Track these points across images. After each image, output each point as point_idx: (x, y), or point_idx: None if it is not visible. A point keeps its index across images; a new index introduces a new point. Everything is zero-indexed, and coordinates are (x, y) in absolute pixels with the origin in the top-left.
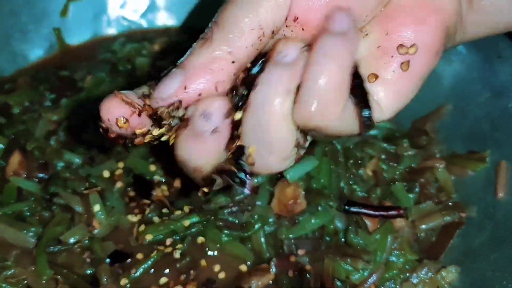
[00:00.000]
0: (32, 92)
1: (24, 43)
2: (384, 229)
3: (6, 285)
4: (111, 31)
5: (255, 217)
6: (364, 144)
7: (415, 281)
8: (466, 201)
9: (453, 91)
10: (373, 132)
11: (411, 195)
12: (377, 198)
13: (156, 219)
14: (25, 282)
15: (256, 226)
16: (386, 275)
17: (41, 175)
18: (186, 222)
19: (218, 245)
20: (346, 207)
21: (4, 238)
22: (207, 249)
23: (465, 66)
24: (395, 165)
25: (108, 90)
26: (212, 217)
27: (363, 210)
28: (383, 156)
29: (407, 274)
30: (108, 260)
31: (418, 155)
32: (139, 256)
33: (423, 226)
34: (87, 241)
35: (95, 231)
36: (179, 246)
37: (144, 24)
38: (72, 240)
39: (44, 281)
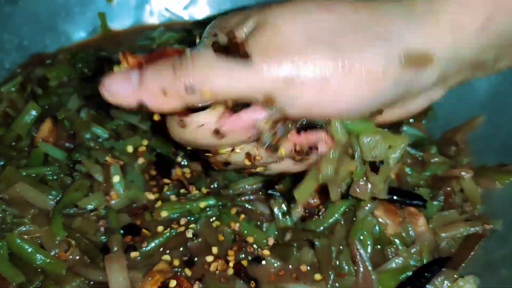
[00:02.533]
0: (70, 68)
1: (69, 24)
2: None
3: (19, 241)
4: (153, 20)
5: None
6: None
7: None
8: (491, 214)
9: (487, 102)
10: None
11: (434, 203)
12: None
13: (173, 197)
14: (39, 241)
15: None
16: (400, 277)
17: (68, 144)
18: (203, 204)
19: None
20: None
21: (24, 197)
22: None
23: (501, 78)
24: (420, 170)
25: None
26: (229, 202)
27: None
28: (408, 161)
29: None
30: (121, 231)
31: (445, 163)
32: (152, 231)
33: (444, 235)
34: (103, 211)
35: (112, 202)
36: (192, 226)
37: (185, 16)
38: (89, 207)
39: (57, 242)
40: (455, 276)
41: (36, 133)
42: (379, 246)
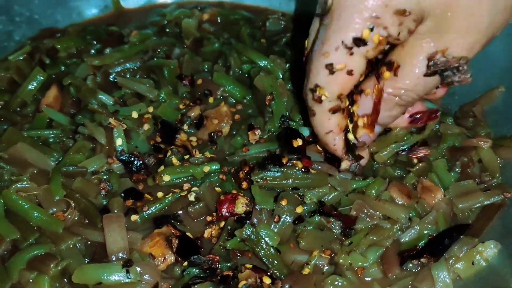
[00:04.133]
0: (80, 40)
1: (81, 0)
2: None
3: (16, 197)
4: None
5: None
6: None
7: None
8: (510, 184)
9: (505, 75)
10: None
11: (451, 173)
12: (417, 174)
13: (176, 161)
14: (36, 199)
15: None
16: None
17: (72, 111)
18: (206, 168)
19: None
20: None
21: (24, 157)
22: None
23: None
24: (435, 145)
25: (151, 46)
26: (233, 169)
27: None
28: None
29: None
30: (122, 195)
31: (462, 134)
32: (154, 197)
33: (462, 205)
34: (105, 175)
35: (114, 165)
36: (195, 189)
37: None
38: (90, 168)
39: (55, 201)
40: (473, 242)
41: (41, 99)
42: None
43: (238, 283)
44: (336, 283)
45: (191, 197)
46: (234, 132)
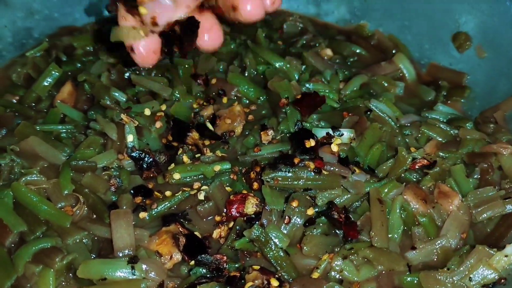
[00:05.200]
0: (97, 39)
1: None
2: None
3: (25, 190)
4: None
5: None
6: (422, 124)
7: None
8: None
9: None
10: (434, 115)
11: (470, 180)
12: (433, 179)
13: (187, 160)
14: (45, 193)
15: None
16: None
17: (86, 107)
18: (217, 167)
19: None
20: None
21: (35, 151)
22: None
23: None
24: (454, 150)
25: None
26: (244, 169)
27: None
28: (440, 139)
29: None
30: (131, 191)
31: (482, 140)
32: (163, 194)
33: (480, 213)
34: (116, 172)
35: (125, 162)
36: (205, 188)
37: None
38: (100, 164)
39: (64, 195)
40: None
41: (56, 95)
42: (405, 227)
43: (244, 285)
44: None
45: (201, 196)
46: (247, 132)
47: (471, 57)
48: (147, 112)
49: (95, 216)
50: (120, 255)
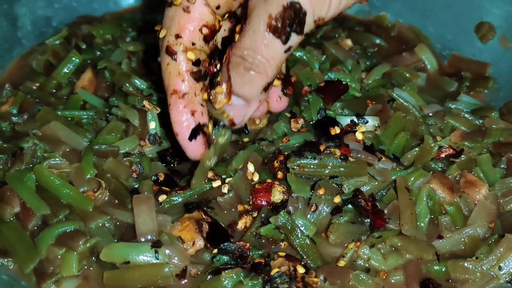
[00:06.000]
0: (116, 27)
1: None
2: None
3: (47, 173)
4: None
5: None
6: (446, 114)
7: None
8: None
9: None
10: (457, 105)
11: (497, 169)
12: (459, 168)
13: None
14: (68, 177)
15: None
16: None
17: (106, 95)
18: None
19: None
20: None
21: (57, 135)
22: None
23: None
24: (479, 140)
25: None
26: (266, 159)
27: None
28: (464, 129)
29: None
30: (153, 178)
31: (508, 129)
32: (186, 183)
33: (509, 202)
34: (137, 158)
35: (146, 149)
36: (229, 180)
37: None
38: (122, 150)
39: (86, 179)
40: None
41: (76, 82)
42: (432, 216)
43: (270, 271)
44: (359, 278)
45: (225, 189)
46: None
47: (494, 48)
48: None
49: (117, 201)
50: (143, 240)
